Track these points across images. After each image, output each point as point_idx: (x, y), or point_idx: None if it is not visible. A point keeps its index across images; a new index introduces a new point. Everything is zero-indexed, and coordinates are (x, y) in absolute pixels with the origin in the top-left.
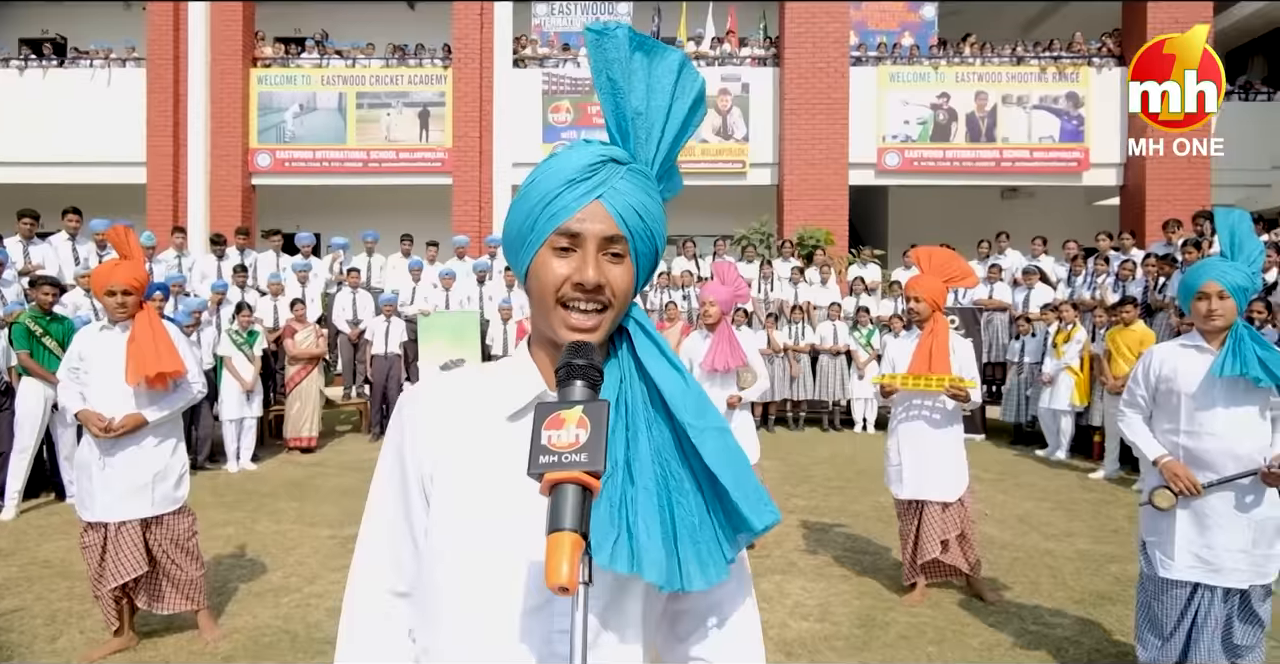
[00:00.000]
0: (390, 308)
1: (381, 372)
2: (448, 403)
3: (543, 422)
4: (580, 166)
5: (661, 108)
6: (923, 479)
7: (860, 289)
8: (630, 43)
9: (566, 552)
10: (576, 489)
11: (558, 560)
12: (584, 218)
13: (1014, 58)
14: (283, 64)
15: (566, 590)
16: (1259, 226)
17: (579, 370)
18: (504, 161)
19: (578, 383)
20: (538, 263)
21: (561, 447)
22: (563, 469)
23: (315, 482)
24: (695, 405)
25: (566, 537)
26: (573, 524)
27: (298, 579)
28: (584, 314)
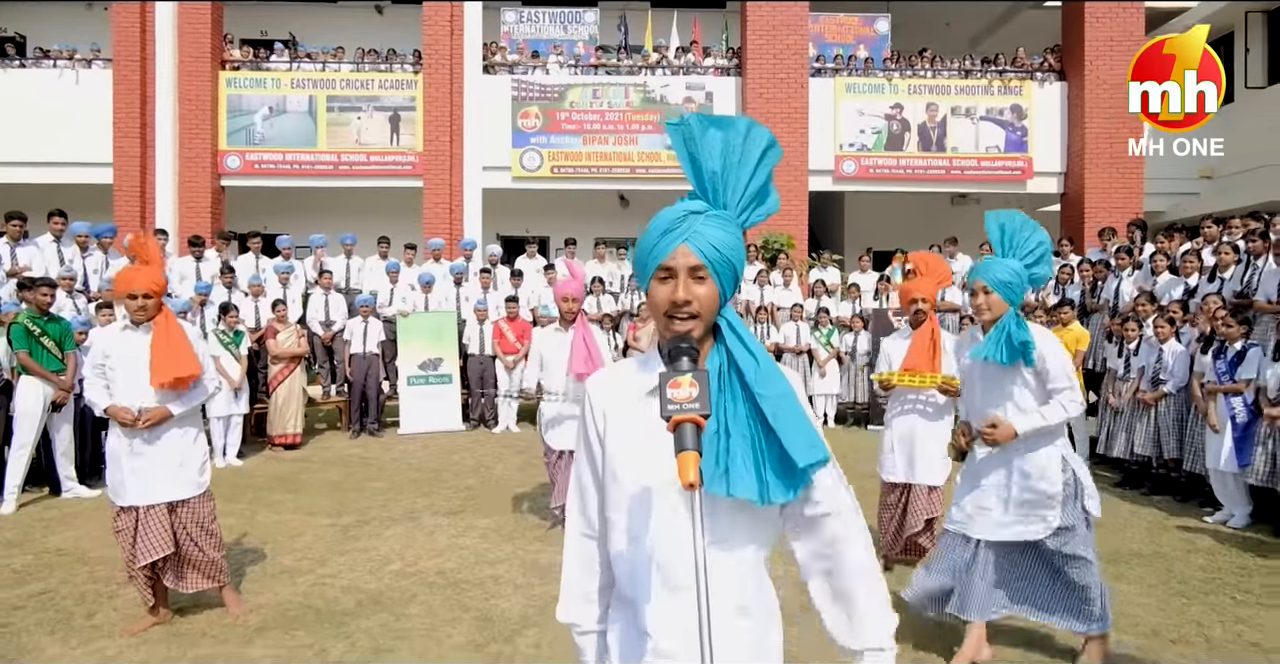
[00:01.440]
0: (368, 309)
1: (360, 371)
2: (610, 386)
3: (666, 383)
4: (671, 220)
5: (735, 163)
6: (913, 465)
7: (821, 291)
8: (701, 123)
9: (691, 462)
10: (692, 425)
11: (686, 468)
12: (675, 256)
13: (962, 71)
14: (252, 67)
15: (693, 486)
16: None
17: (683, 350)
18: (474, 165)
19: (684, 358)
20: (650, 288)
21: (681, 399)
22: (684, 413)
23: (303, 476)
24: (764, 379)
25: (690, 455)
26: (693, 446)
27: (309, 562)
28: (680, 321)
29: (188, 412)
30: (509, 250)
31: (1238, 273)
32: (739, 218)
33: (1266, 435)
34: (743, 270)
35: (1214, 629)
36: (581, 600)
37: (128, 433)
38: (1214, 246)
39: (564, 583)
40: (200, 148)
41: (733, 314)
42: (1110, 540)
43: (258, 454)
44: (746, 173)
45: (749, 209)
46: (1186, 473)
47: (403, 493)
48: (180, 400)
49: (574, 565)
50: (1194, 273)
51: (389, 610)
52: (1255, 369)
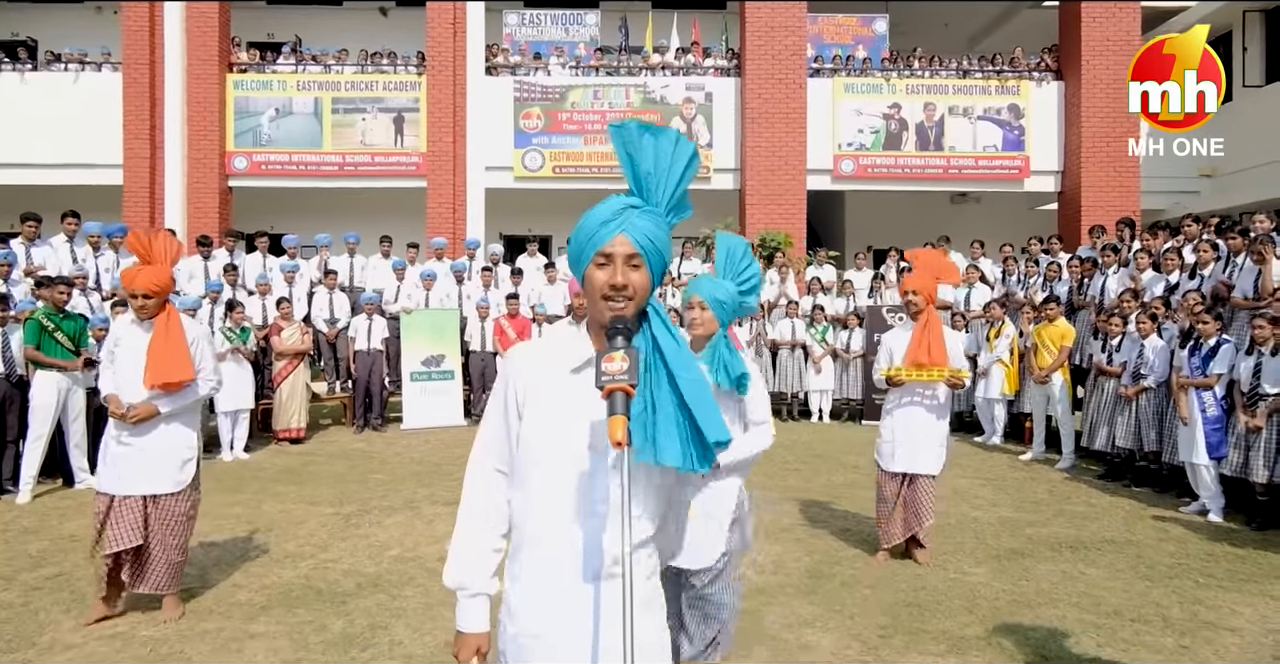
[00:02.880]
0: (372, 306)
1: (364, 367)
2: (532, 358)
3: (601, 358)
4: (611, 211)
5: (664, 167)
6: (915, 455)
7: (817, 288)
8: (638, 129)
9: (620, 424)
10: (623, 394)
11: (615, 428)
12: (614, 244)
13: (959, 71)
14: (259, 69)
15: (620, 444)
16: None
17: (619, 330)
18: (477, 166)
19: (619, 336)
20: (588, 273)
21: (614, 372)
22: (616, 382)
23: (309, 469)
24: (683, 364)
25: (619, 418)
26: (622, 410)
27: (311, 548)
28: (617, 303)
29: (177, 410)
30: (512, 249)
31: (1217, 270)
32: (666, 217)
33: (1240, 429)
34: (669, 263)
35: (1172, 609)
36: (474, 556)
37: (117, 423)
38: (1194, 244)
39: (457, 539)
40: (208, 149)
41: (659, 304)
42: (1085, 529)
43: (264, 448)
44: (675, 178)
45: (673, 211)
46: (1167, 465)
47: (404, 484)
48: (169, 399)
49: (477, 512)
50: (1175, 270)
51: (386, 591)
52: (1227, 364)
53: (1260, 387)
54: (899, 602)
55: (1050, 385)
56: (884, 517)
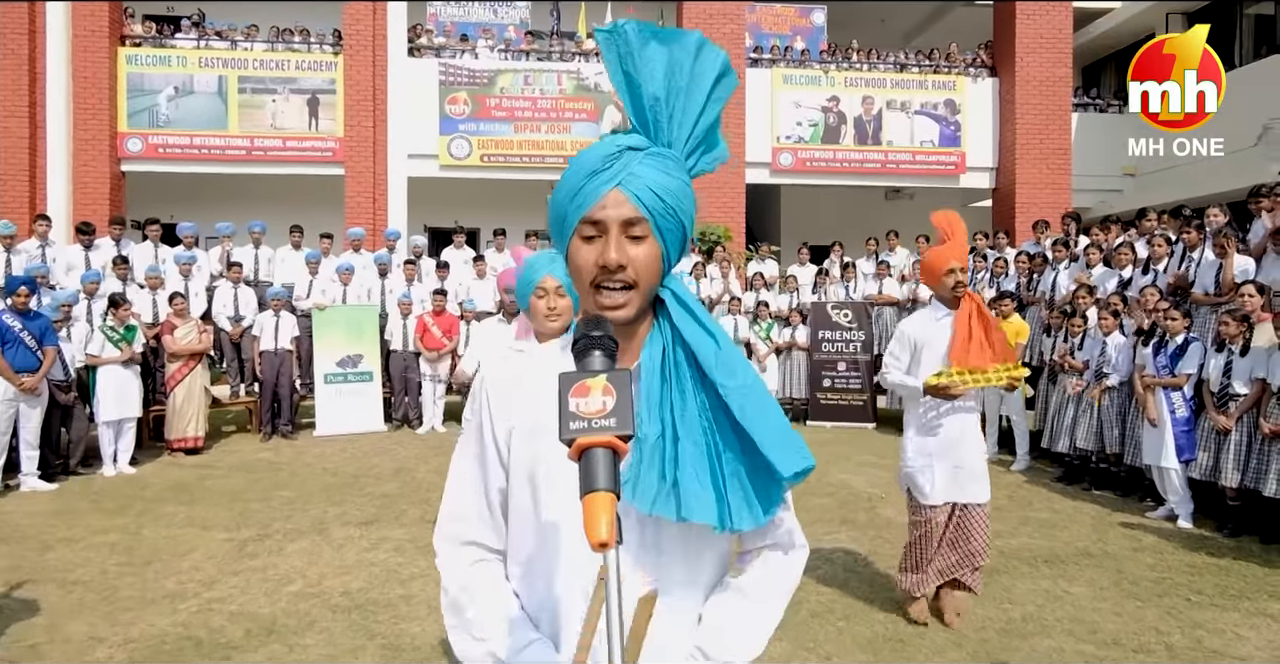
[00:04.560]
0: (280, 302)
1: (271, 369)
2: (513, 382)
3: (568, 390)
4: (599, 157)
5: (681, 89)
6: (964, 481)
7: (760, 284)
8: (640, 35)
9: (605, 511)
10: (607, 453)
11: (596, 519)
12: (605, 205)
13: (897, 65)
14: (155, 43)
15: (605, 546)
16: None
17: (596, 341)
18: (399, 153)
19: (596, 353)
20: (571, 250)
21: (590, 413)
22: (593, 433)
23: (204, 484)
24: (727, 365)
25: (602, 497)
26: (606, 484)
27: (195, 584)
28: (612, 293)
29: None
30: (437, 243)
31: (1171, 265)
32: (686, 162)
33: (1210, 430)
34: (692, 227)
35: (1173, 636)
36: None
37: None
38: (1147, 239)
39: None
40: (97, 129)
41: (680, 285)
42: (1056, 538)
43: (155, 460)
44: (697, 104)
45: (697, 153)
46: (1126, 467)
47: (312, 501)
48: None
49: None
50: (1128, 265)
51: (282, 640)
52: (1196, 363)
53: (1230, 386)
54: (878, 636)
55: None
56: (920, 561)
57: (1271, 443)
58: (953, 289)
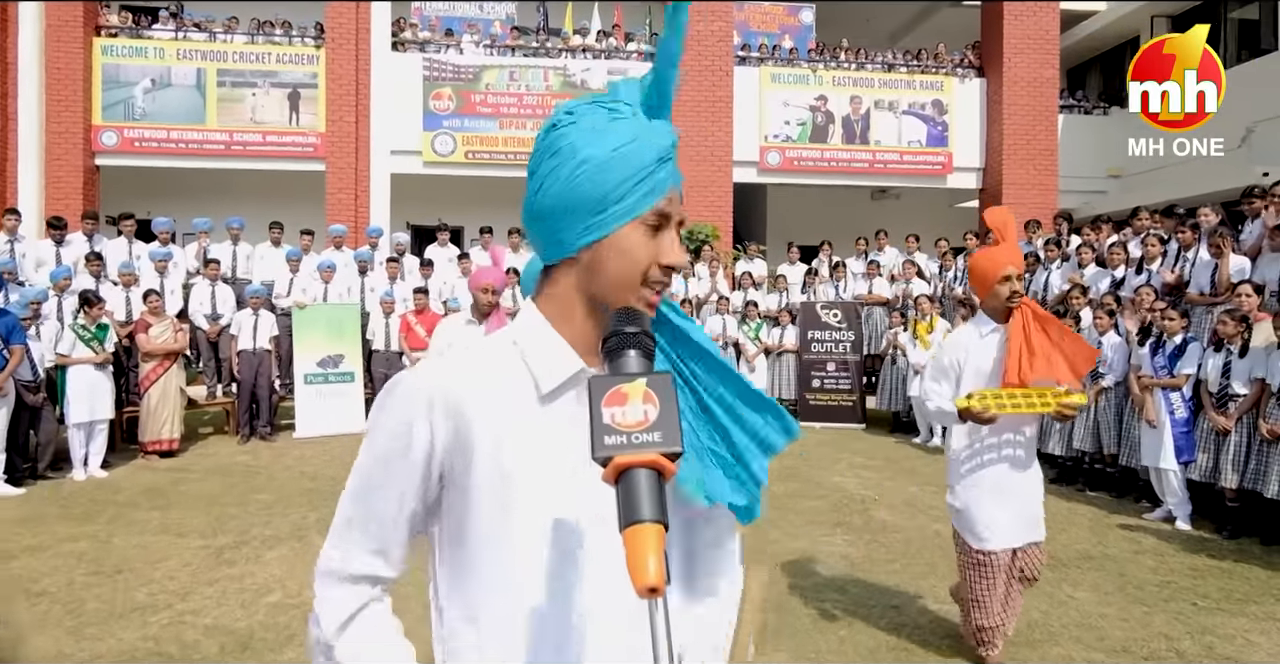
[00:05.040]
0: (259, 300)
1: (249, 369)
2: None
3: (601, 398)
4: (667, 146)
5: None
6: (1028, 522)
7: (748, 283)
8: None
9: (653, 546)
10: (651, 475)
11: (642, 557)
12: (671, 199)
13: (885, 65)
14: (132, 34)
15: (655, 591)
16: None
17: (632, 339)
18: (381, 149)
19: (631, 353)
20: (623, 237)
21: (629, 425)
22: (635, 451)
23: (179, 488)
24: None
25: (649, 530)
26: (652, 514)
27: (168, 595)
28: (658, 294)
29: None
30: (420, 240)
31: (1166, 265)
32: None
33: (1209, 431)
34: None
35: (1183, 642)
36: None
37: None
38: (1141, 238)
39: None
40: (70, 122)
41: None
42: (1055, 541)
43: (128, 463)
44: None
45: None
46: (1121, 467)
47: (292, 506)
48: None
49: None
50: (1121, 265)
51: (259, 657)
52: (1195, 363)
53: (1229, 387)
54: (881, 645)
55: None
56: (990, 611)
57: (1271, 444)
58: (1007, 299)
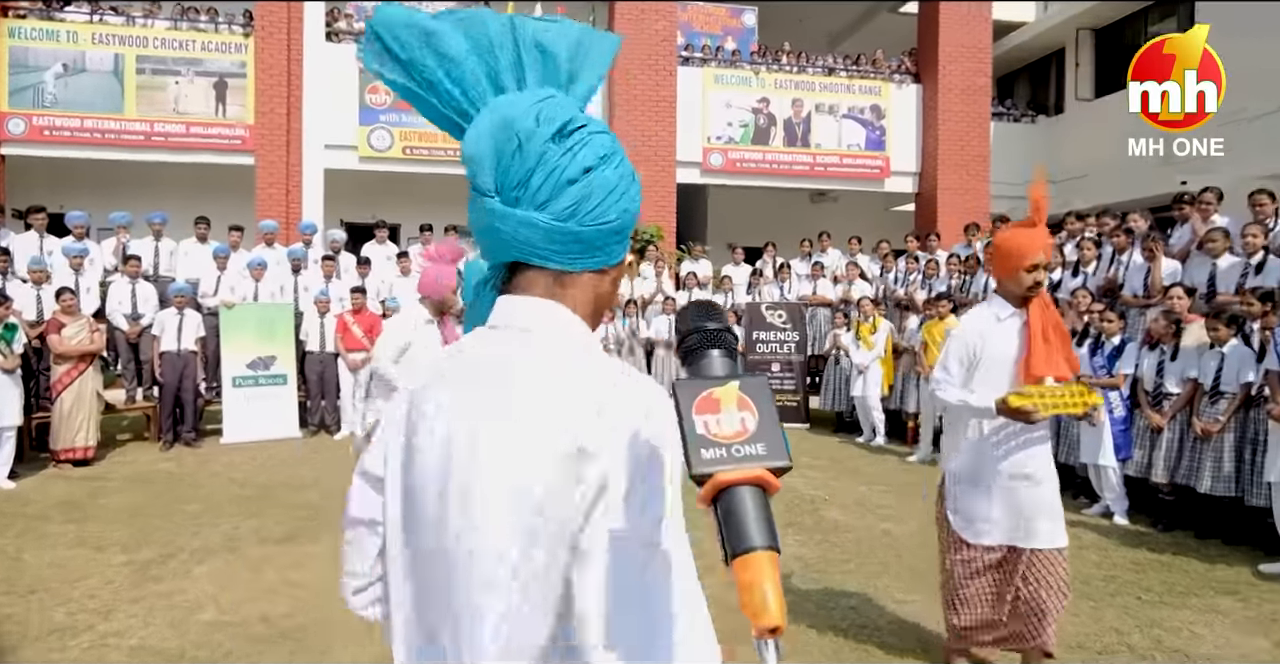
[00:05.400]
0: (184, 299)
1: (173, 371)
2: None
3: (690, 405)
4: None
5: None
6: (1031, 522)
7: (693, 283)
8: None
9: (770, 579)
10: (756, 492)
11: (760, 593)
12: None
13: (826, 69)
14: (42, 16)
15: (776, 631)
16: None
17: (715, 336)
18: (315, 143)
19: (715, 352)
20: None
21: (727, 437)
22: (738, 465)
23: (97, 499)
24: None
25: (764, 558)
26: (765, 539)
27: (89, 615)
28: None
29: None
30: (355, 239)
31: (1100, 268)
32: None
33: (1145, 429)
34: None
35: (1133, 636)
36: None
37: None
38: (1076, 242)
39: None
40: None
41: None
42: None
43: (38, 473)
44: None
45: None
46: (1059, 464)
47: (223, 516)
48: None
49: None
50: (1057, 268)
51: None
52: (1133, 363)
53: (1164, 386)
54: (842, 647)
55: None
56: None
57: (1204, 441)
58: (1029, 288)
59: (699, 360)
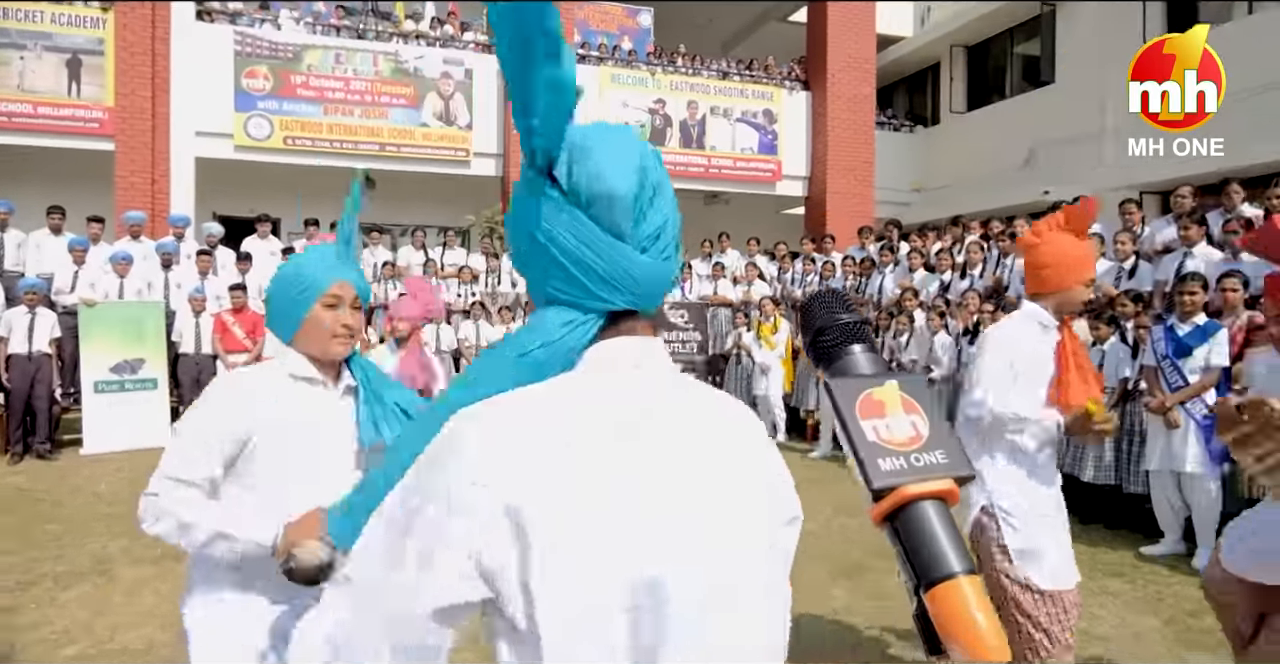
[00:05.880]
0: (36, 296)
1: (23, 376)
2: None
3: (852, 408)
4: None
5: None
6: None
7: None
8: None
9: (983, 606)
10: (941, 507)
11: (972, 622)
12: None
13: (720, 72)
14: None
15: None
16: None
17: (854, 329)
18: (184, 128)
19: (857, 348)
20: None
21: (901, 444)
22: (921, 477)
23: None
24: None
25: (967, 582)
26: (965, 562)
27: None
28: None
29: None
30: (232, 233)
31: (988, 270)
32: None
33: None
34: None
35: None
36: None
37: None
38: (964, 245)
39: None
40: None
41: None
42: None
43: None
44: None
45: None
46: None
47: (89, 536)
48: None
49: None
50: (948, 270)
51: None
52: None
53: None
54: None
55: None
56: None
57: None
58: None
59: (841, 358)
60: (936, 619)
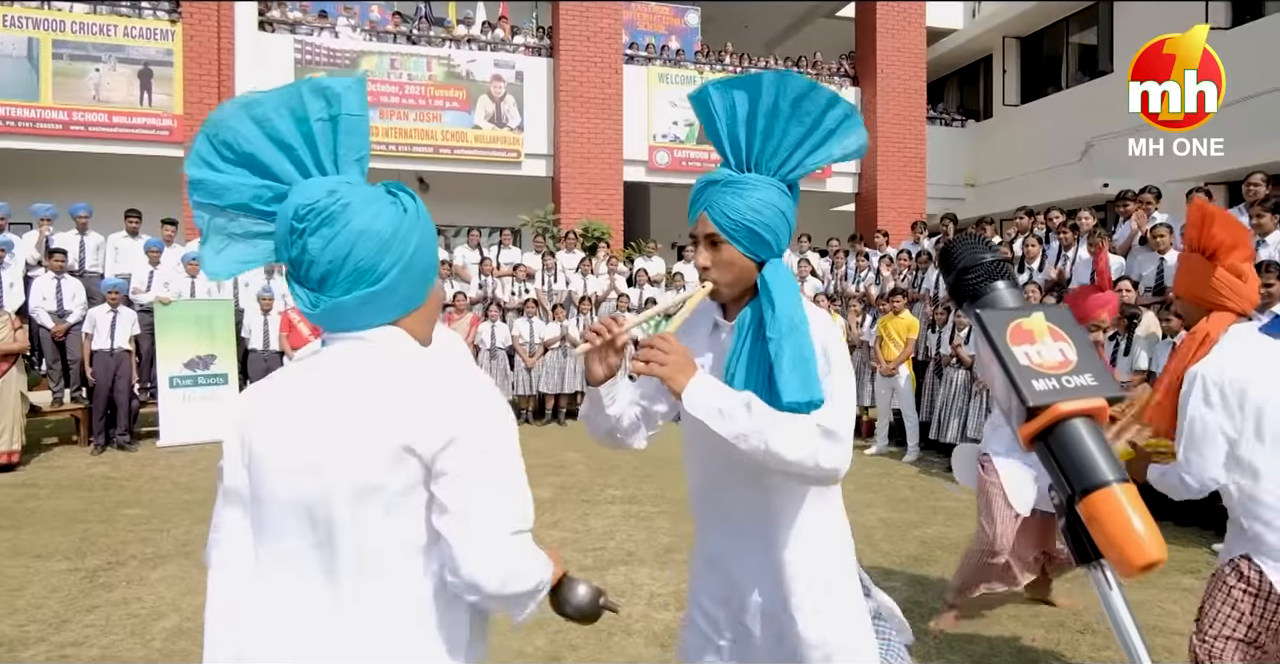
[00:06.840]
0: (117, 295)
1: (106, 372)
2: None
3: (1003, 335)
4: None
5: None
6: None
7: (644, 280)
8: (719, 89)
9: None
10: (1093, 424)
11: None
12: (696, 225)
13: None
14: None
15: (1155, 566)
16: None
17: (994, 269)
18: None
19: (1000, 284)
20: None
21: (1052, 367)
22: (1074, 397)
23: (27, 505)
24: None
25: (1121, 489)
26: (1118, 472)
27: (39, 626)
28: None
29: None
30: None
31: (1048, 263)
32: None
33: None
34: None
35: None
36: None
37: None
38: (1024, 238)
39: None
40: None
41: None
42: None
43: None
44: (789, 144)
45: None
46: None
47: (171, 520)
48: None
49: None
50: None
51: None
52: None
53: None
54: None
55: (896, 378)
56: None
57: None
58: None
59: (987, 294)
60: (1091, 525)
